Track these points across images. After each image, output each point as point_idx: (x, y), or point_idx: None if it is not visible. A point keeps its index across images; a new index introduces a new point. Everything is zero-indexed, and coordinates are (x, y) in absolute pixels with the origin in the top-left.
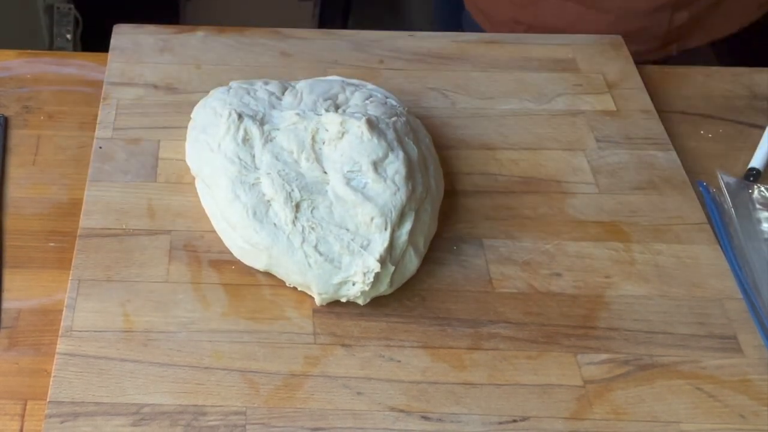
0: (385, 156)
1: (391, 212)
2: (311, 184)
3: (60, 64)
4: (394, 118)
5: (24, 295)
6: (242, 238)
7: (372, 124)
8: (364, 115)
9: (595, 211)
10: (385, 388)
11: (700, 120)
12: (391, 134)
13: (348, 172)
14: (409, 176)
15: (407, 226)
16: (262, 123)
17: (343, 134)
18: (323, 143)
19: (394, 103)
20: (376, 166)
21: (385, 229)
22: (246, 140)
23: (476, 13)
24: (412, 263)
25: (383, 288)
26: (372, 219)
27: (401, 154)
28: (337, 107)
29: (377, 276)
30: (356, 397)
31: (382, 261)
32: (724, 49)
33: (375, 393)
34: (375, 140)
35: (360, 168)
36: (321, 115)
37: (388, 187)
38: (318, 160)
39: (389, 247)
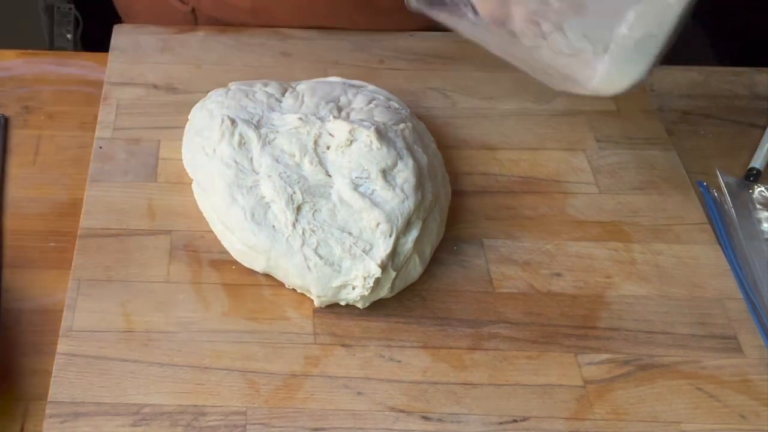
0: (394, 164)
1: (398, 219)
2: (314, 187)
3: (60, 64)
4: (401, 125)
5: (24, 295)
6: (240, 241)
7: (381, 134)
8: (372, 124)
9: (595, 211)
10: (385, 388)
11: (700, 120)
12: (400, 143)
13: (356, 178)
14: (419, 185)
15: (413, 234)
16: (258, 126)
17: (351, 142)
18: (327, 148)
19: (396, 105)
20: (385, 174)
21: (390, 236)
22: (242, 144)
23: None
24: (416, 270)
25: (383, 293)
26: (378, 224)
27: (411, 162)
28: (339, 110)
29: (378, 281)
30: (356, 397)
31: (383, 266)
32: (725, 49)
33: (375, 393)
34: (384, 149)
35: (368, 175)
36: (325, 120)
37: (396, 195)
38: (321, 163)
39: (392, 253)
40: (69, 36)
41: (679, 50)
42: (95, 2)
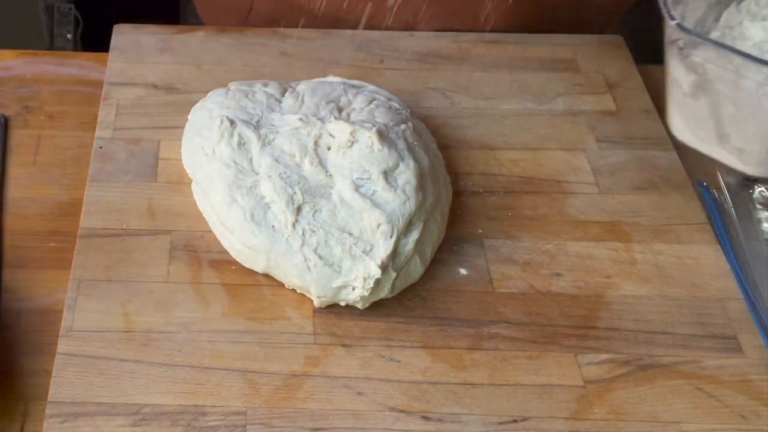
0: (396, 166)
1: (399, 220)
2: (314, 188)
3: (60, 64)
4: (402, 126)
5: (24, 295)
6: (240, 241)
7: (382, 135)
8: (373, 125)
9: (595, 211)
10: (385, 388)
11: None
12: (401, 144)
13: (357, 179)
14: (420, 187)
15: (414, 235)
16: (258, 126)
17: (352, 143)
18: (327, 148)
19: (397, 105)
20: (387, 175)
21: (391, 237)
22: (241, 144)
23: None
24: (417, 271)
25: (383, 294)
26: (378, 225)
27: (412, 163)
28: (339, 110)
29: (377, 282)
30: (356, 398)
31: (384, 267)
32: None
33: (375, 393)
34: (386, 150)
35: (370, 176)
36: (326, 121)
37: (397, 196)
38: (322, 164)
39: (392, 254)
40: (69, 36)
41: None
42: (95, 2)
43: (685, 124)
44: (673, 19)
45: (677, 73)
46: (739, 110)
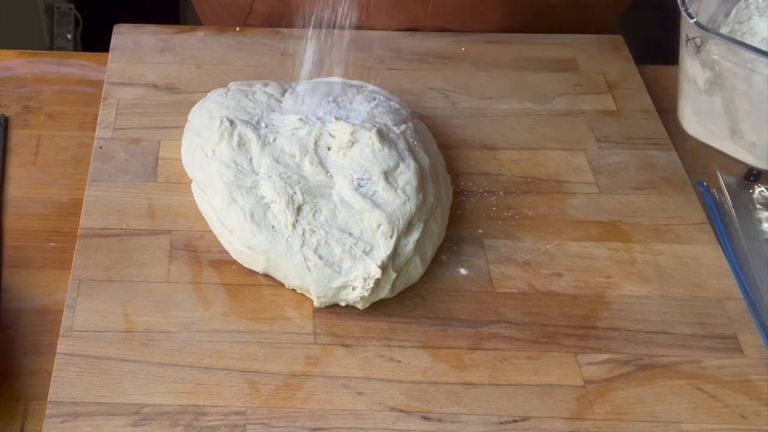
0: (396, 166)
1: (399, 220)
2: (315, 188)
3: (60, 64)
4: (403, 126)
5: (24, 295)
6: (240, 241)
7: (383, 135)
8: (374, 125)
9: (595, 211)
10: (385, 388)
11: None
12: (401, 144)
13: (357, 179)
14: (420, 187)
15: (415, 236)
16: (258, 127)
17: (353, 143)
18: (328, 149)
19: (397, 105)
20: (387, 175)
21: (391, 237)
22: (241, 144)
23: None
24: (417, 272)
25: (383, 294)
26: (379, 226)
27: (413, 164)
28: (339, 110)
29: (378, 282)
30: (356, 397)
31: (384, 267)
32: None
33: (375, 393)
34: (386, 151)
35: (370, 177)
36: (326, 121)
37: (398, 197)
38: (322, 164)
39: (392, 255)
40: (69, 36)
41: (678, 50)
42: (95, 2)
43: (698, 119)
44: (691, 17)
45: (692, 70)
46: (753, 106)
